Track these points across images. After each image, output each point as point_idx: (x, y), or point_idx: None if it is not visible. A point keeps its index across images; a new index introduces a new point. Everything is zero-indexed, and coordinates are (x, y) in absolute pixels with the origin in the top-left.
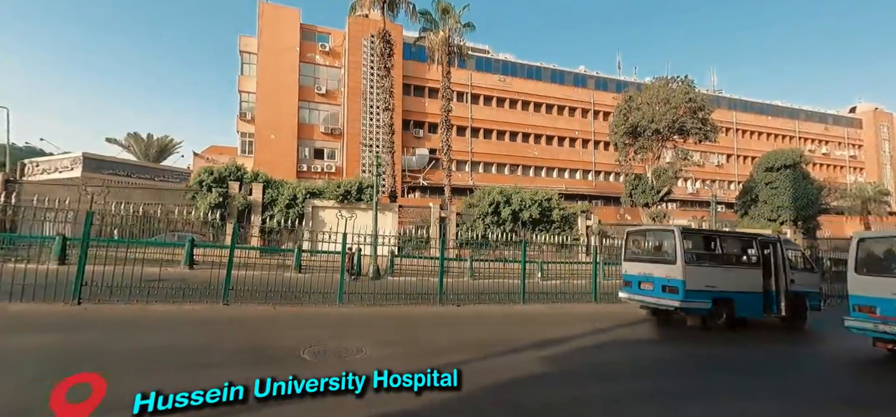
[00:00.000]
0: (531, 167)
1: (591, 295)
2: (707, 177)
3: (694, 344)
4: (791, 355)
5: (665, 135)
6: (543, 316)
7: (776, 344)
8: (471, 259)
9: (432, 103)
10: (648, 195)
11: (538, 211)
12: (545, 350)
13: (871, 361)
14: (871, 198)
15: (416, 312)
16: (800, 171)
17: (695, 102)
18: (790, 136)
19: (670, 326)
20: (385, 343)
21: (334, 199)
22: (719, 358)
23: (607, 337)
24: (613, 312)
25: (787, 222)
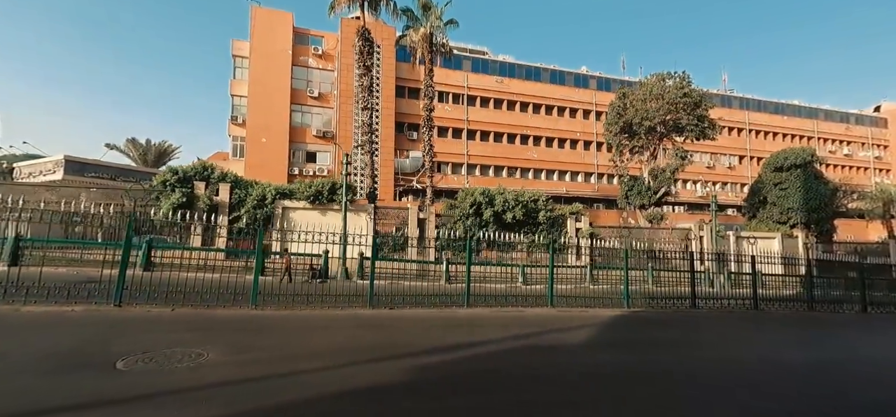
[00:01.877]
0: (530, 169)
1: (545, 298)
2: (717, 179)
3: (609, 351)
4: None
5: (661, 134)
6: (478, 320)
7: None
8: (447, 262)
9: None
10: (645, 196)
11: (522, 213)
12: (432, 356)
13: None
14: (893, 199)
15: (333, 315)
16: (811, 171)
17: (690, 98)
18: (808, 137)
19: (613, 330)
20: (243, 347)
21: (306, 200)
22: (615, 366)
23: (522, 343)
24: (561, 317)
25: (798, 225)
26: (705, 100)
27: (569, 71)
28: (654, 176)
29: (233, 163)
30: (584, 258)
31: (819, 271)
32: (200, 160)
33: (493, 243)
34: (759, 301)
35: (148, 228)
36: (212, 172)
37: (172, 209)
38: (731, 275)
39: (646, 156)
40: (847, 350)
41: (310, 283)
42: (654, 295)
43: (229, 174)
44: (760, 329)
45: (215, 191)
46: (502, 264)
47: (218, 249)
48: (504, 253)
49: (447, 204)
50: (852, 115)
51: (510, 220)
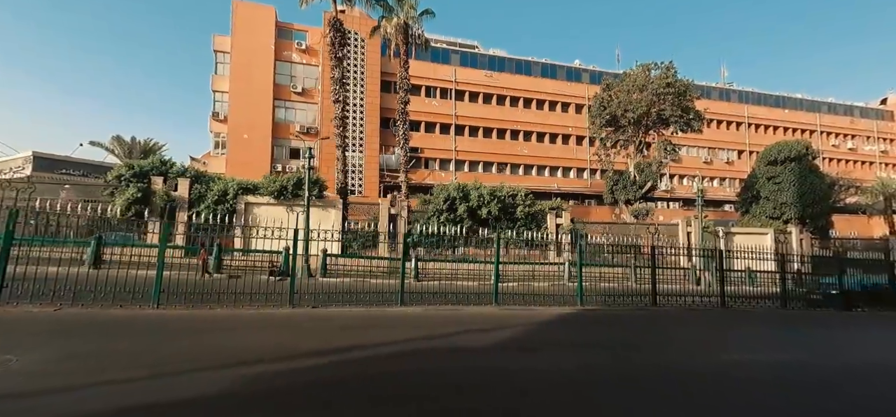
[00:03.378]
0: (520, 165)
1: (491, 296)
2: (715, 174)
3: (517, 353)
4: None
5: (647, 126)
6: (405, 318)
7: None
8: (416, 259)
9: (414, 100)
10: (630, 191)
11: (498, 208)
12: (310, 360)
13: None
14: (895, 194)
15: (244, 315)
16: (806, 164)
17: (674, 88)
18: (810, 130)
19: (544, 330)
20: (83, 354)
21: (270, 196)
22: (506, 371)
23: (428, 344)
24: (499, 316)
25: (792, 220)
26: (690, 90)
27: (560, 64)
28: (639, 170)
29: (214, 160)
30: (564, 255)
31: (801, 266)
32: (193, 158)
33: (442, 240)
34: (726, 298)
35: (104, 225)
36: (170, 167)
37: (127, 205)
38: (717, 272)
39: (631, 149)
40: (785, 351)
41: (269, 282)
42: (614, 293)
43: (190, 169)
44: (711, 327)
45: (174, 186)
46: (484, 261)
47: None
48: (481, 250)
49: (422, 199)
50: (857, 108)
51: (485, 216)
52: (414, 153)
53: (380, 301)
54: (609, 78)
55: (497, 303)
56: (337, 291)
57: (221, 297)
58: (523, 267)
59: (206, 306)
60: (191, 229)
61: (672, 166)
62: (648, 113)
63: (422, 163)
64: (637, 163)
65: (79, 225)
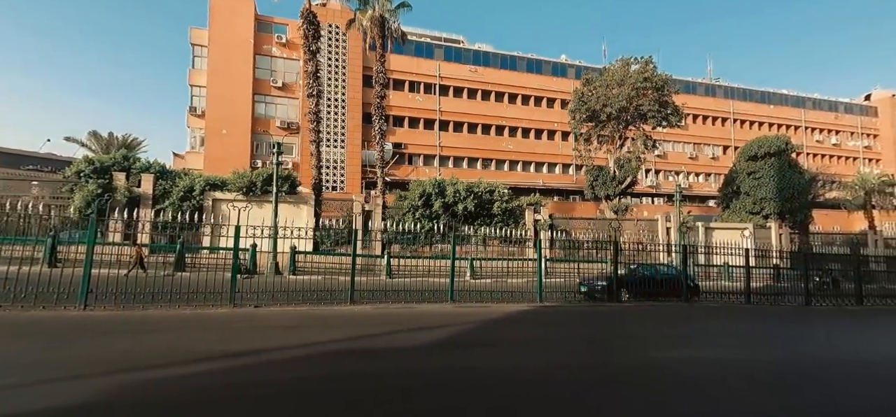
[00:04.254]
0: (506, 161)
1: (446, 293)
2: (700, 170)
3: (444, 354)
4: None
5: (625, 121)
6: (346, 318)
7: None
8: (388, 256)
9: (397, 96)
10: (610, 187)
11: (475, 204)
12: (209, 364)
13: None
14: (874, 188)
15: (176, 316)
16: (786, 159)
17: (651, 83)
18: (794, 126)
19: (489, 329)
20: None
21: (238, 191)
22: (424, 373)
23: (351, 345)
24: (448, 314)
25: (772, 215)
26: (668, 85)
27: (546, 59)
28: (619, 165)
29: (193, 156)
30: (545, 250)
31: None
32: (176, 155)
33: (418, 236)
34: (689, 294)
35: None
36: (133, 162)
37: (86, 202)
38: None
39: (611, 144)
40: (716, 347)
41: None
42: (576, 289)
43: (154, 164)
44: (661, 324)
45: (137, 182)
46: (460, 258)
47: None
48: (458, 246)
49: (397, 195)
50: (841, 104)
51: (461, 212)
52: (398, 149)
53: (330, 299)
54: (595, 74)
55: (453, 301)
56: (292, 289)
57: (157, 297)
58: (499, 263)
59: (139, 306)
60: (157, 227)
61: (658, 162)
62: (627, 108)
63: (406, 158)
64: (617, 159)
65: (40, 223)
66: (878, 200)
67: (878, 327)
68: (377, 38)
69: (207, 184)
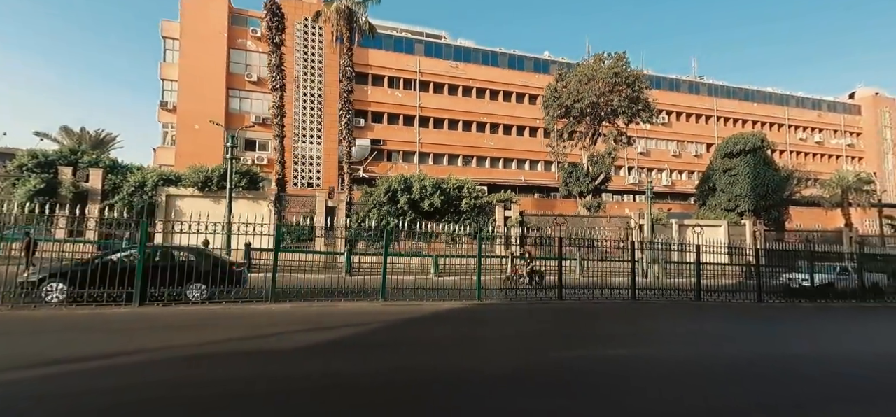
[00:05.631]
0: (487, 158)
1: (379, 291)
2: (683, 167)
3: (320, 357)
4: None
5: (598, 117)
6: (250, 317)
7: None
8: (348, 253)
9: (375, 91)
10: (583, 183)
11: (442, 201)
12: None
13: None
14: (851, 186)
15: (65, 316)
16: (761, 157)
17: (622, 78)
18: (778, 124)
19: (397, 328)
20: None
21: (194, 187)
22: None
23: (238, 347)
24: (376, 312)
25: (747, 212)
26: (640, 81)
27: (528, 55)
28: (593, 162)
29: (164, 152)
30: (514, 248)
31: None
32: (156, 150)
33: (381, 233)
34: (638, 291)
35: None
36: (81, 156)
37: (29, 197)
38: (668, 265)
39: (585, 141)
40: (624, 347)
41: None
42: (523, 287)
43: (103, 159)
44: (590, 322)
45: (85, 176)
46: (427, 255)
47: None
48: (423, 244)
49: (364, 191)
50: (825, 102)
51: (428, 208)
52: (377, 145)
53: (249, 298)
54: (565, 68)
55: (384, 298)
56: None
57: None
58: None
59: (28, 306)
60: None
61: (641, 159)
62: (598, 103)
63: (385, 155)
64: (590, 155)
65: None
66: (855, 198)
67: (826, 323)
68: (344, 31)
69: (161, 179)
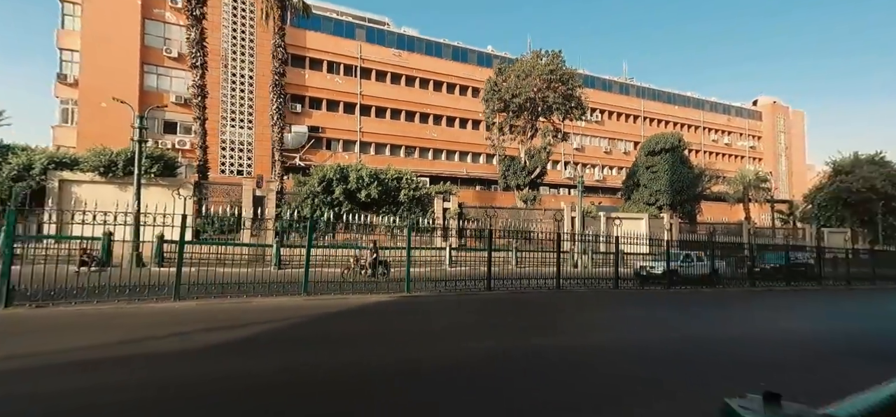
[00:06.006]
0: (430, 149)
1: (301, 285)
2: (614, 164)
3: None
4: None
5: (535, 112)
6: (145, 317)
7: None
8: (277, 245)
9: (314, 75)
10: (520, 176)
11: (379, 191)
12: None
13: None
14: (751, 184)
15: None
16: (679, 156)
17: (557, 75)
18: (696, 126)
19: (300, 327)
20: None
21: (94, 171)
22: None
23: (80, 356)
24: (293, 307)
25: (665, 206)
26: (574, 79)
27: (472, 49)
28: (530, 156)
29: (61, 132)
30: (452, 240)
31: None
32: (54, 129)
33: (316, 224)
34: (563, 280)
35: None
36: None
37: None
38: (595, 255)
39: (523, 135)
40: (524, 337)
41: (78, 273)
42: (455, 278)
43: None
44: (507, 313)
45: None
46: (357, 247)
47: None
48: (358, 235)
49: (296, 180)
50: (733, 108)
51: (365, 199)
52: (315, 133)
53: (148, 297)
54: (505, 63)
55: (306, 293)
56: (114, 285)
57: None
58: (403, 252)
59: None
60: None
61: (576, 155)
62: (535, 99)
63: (323, 143)
64: (527, 149)
65: None
66: (754, 194)
67: (716, 308)
68: (275, 8)
69: (52, 161)
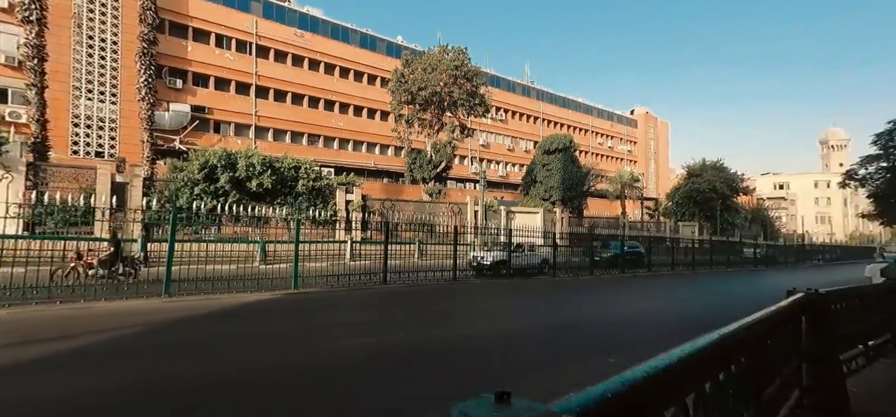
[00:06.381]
0: (335, 139)
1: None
2: (516, 161)
3: None
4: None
5: (441, 106)
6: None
7: None
8: (143, 240)
9: (199, 48)
10: (426, 170)
11: (273, 181)
12: None
13: None
14: (627, 183)
15: None
16: (570, 155)
17: (462, 72)
18: (585, 129)
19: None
20: None
21: None
22: None
23: None
24: (147, 311)
25: (557, 202)
26: (478, 77)
27: (381, 37)
28: (436, 150)
29: None
30: (355, 233)
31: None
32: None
33: (197, 216)
34: (458, 272)
35: None
36: None
37: None
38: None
39: (430, 129)
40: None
41: None
42: (352, 273)
43: None
44: (395, 306)
45: None
46: (251, 241)
47: None
48: (250, 228)
49: (171, 165)
50: (615, 115)
51: (256, 189)
52: (200, 113)
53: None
54: (412, 54)
55: (168, 294)
56: None
57: None
58: (301, 246)
59: None
60: None
61: (482, 151)
62: (440, 93)
63: (211, 125)
64: (433, 143)
65: None
66: (629, 192)
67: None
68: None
69: None
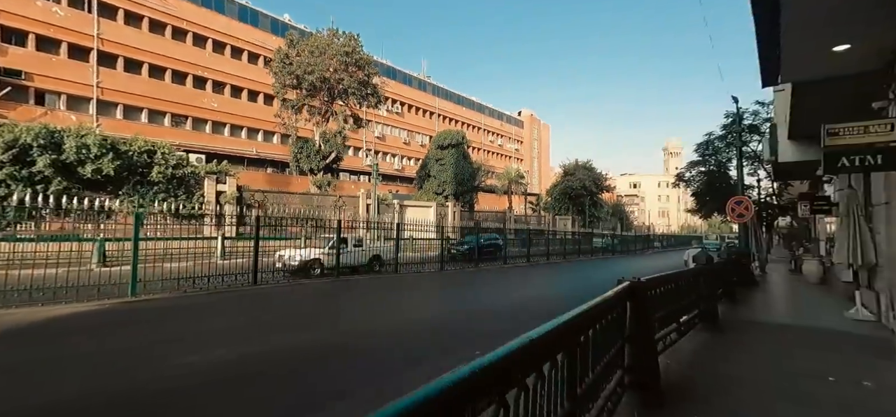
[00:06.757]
0: (208, 121)
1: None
2: (412, 155)
3: None
4: None
5: (332, 94)
6: None
7: None
8: None
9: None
10: (314, 160)
11: (117, 167)
12: None
13: None
14: (513, 179)
15: None
16: (462, 151)
17: (351, 59)
18: (477, 127)
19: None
20: None
21: None
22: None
23: None
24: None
25: (450, 196)
26: (370, 66)
27: (265, 13)
28: (325, 139)
29: None
30: (227, 228)
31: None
32: None
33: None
34: (342, 269)
35: None
36: None
37: None
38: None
39: (318, 117)
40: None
41: None
42: (212, 273)
43: None
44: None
45: None
46: (87, 239)
47: None
48: (81, 224)
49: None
50: (505, 115)
51: (92, 176)
52: (14, 79)
53: None
54: (297, 34)
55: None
56: None
57: None
58: (161, 243)
59: None
60: None
61: (377, 143)
62: (331, 80)
63: (31, 94)
64: (322, 132)
65: None
66: (515, 188)
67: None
68: None
69: None
